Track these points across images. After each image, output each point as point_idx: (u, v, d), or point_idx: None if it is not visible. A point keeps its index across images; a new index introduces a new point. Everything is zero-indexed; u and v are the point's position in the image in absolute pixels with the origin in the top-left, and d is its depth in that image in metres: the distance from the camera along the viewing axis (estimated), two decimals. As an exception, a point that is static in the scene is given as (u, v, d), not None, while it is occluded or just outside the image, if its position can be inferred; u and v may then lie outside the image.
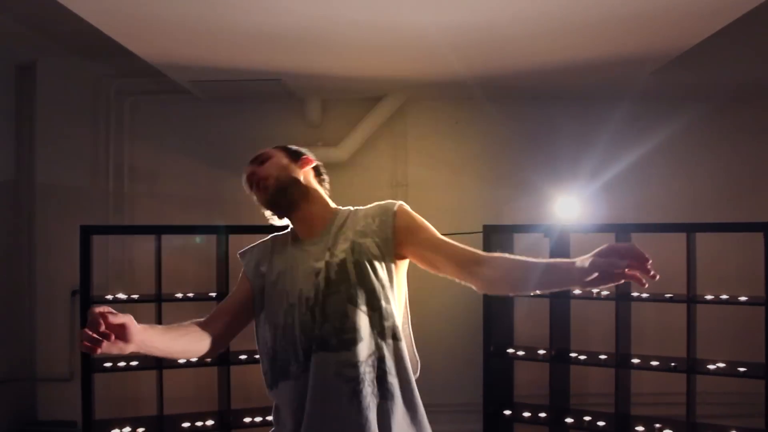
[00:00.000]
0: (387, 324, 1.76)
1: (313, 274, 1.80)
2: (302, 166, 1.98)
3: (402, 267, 1.90)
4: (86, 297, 3.74)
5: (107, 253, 4.61)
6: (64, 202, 4.82)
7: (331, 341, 1.72)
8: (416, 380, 1.79)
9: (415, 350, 1.90)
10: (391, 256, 1.82)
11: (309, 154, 2.03)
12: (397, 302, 1.85)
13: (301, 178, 1.95)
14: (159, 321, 3.87)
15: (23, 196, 4.92)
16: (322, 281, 1.77)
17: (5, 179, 4.85)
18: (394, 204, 1.90)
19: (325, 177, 2.06)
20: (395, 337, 1.77)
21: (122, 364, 3.88)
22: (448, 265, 1.78)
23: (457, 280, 1.78)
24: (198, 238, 4.50)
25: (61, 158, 4.89)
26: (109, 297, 3.93)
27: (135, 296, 3.98)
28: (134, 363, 3.91)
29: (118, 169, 4.85)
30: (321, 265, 1.80)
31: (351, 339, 1.71)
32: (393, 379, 1.74)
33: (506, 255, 1.73)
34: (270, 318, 1.85)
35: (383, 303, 1.77)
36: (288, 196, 1.91)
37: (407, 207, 1.90)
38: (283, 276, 1.85)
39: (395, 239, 1.83)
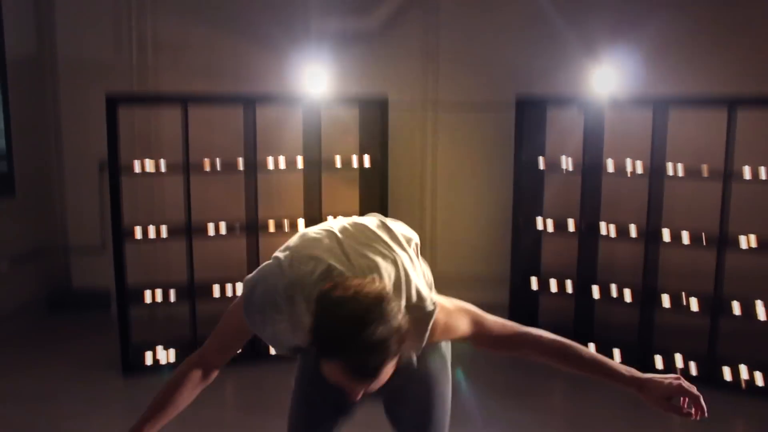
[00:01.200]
0: None
1: None
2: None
3: None
4: (114, 167, 3.74)
5: (133, 127, 4.58)
6: (88, 75, 4.77)
7: None
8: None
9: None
10: None
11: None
12: None
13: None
14: (187, 192, 3.90)
15: (47, 69, 4.87)
16: None
17: (28, 54, 4.78)
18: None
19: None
20: None
21: (153, 234, 3.95)
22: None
23: None
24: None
25: (83, 31, 4.79)
26: (138, 169, 3.93)
27: (163, 168, 3.98)
28: (164, 232, 3.97)
29: (142, 41, 4.74)
30: None
31: None
32: None
33: (549, 342, 1.70)
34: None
35: None
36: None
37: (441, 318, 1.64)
38: None
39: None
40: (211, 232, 4.06)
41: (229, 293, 4.04)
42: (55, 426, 3.28)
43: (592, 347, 4.01)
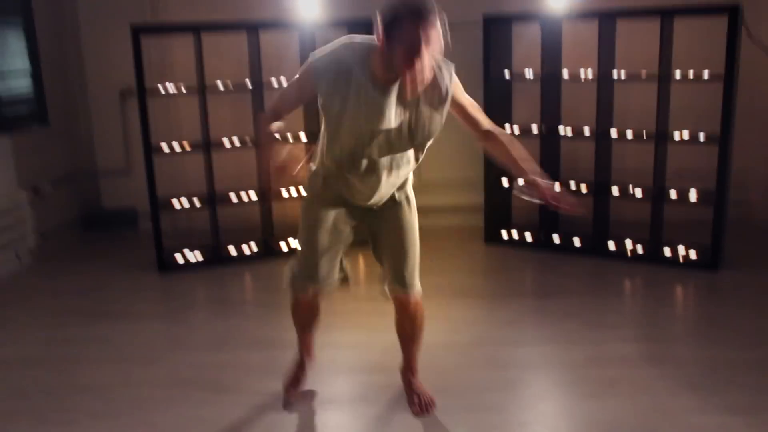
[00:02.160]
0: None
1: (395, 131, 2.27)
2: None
3: None
4: (142, 91, 4.32)
5: (148, 54, 5.06)
6: (106, 7, 5.25)
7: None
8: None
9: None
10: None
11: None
12: None
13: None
14: (204, 111, 4.51)
15: (68, 4, 5.36)
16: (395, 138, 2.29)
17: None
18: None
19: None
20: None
21: (178, 149, 4.58)
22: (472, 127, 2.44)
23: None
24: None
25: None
26: (162, 91, 4.53)
27: (183, 90, 4.58)
28: (186, 147, 4.61)
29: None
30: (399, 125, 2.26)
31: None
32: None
33: (504, 138, 2.41)
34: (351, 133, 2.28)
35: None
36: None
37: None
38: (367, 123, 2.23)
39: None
40: (227, 145, 4.69)
41: (245, 199, 4.71)
42: (107, 308, 3.99)
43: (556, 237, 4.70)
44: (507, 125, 4.75)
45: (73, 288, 4.34)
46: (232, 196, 4.72)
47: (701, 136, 4.20)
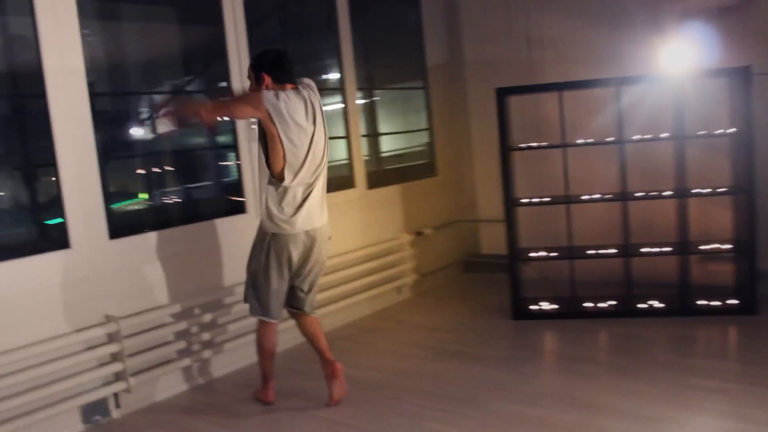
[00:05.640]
0: None
1: None
2: None
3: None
4: (505, 147, 4.56)
5: (523, 112, 5.34)
6: (487, 72, 5.73)
7: None
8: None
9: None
10: None
11: None
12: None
13: None
14: (565, 164, 4.54)
15: (456, 72, 6.00)
16: None
17: (442, 60, 5.96)
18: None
19: None
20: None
21: (536, 200, 4.68)
22: None
23: None
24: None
25: (483, 37, 5.80)
26: (523, 145, 4.71)
27: (544, 143, 4.68)
28: (546, 199, 4.68)
29: (530, 39, 5.51)
30: None
31: None
32: None
33: None
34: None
35: None
36: None
37: None
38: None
39: None
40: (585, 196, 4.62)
41: (601, 252, 4.56)
42: (451, 346, 4.25)
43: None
44: None
45: (432, 324, 4.75)
46: (590, 253, 4.60)
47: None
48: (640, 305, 4.47)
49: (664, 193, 4.44)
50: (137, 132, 4.29)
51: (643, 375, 3.54)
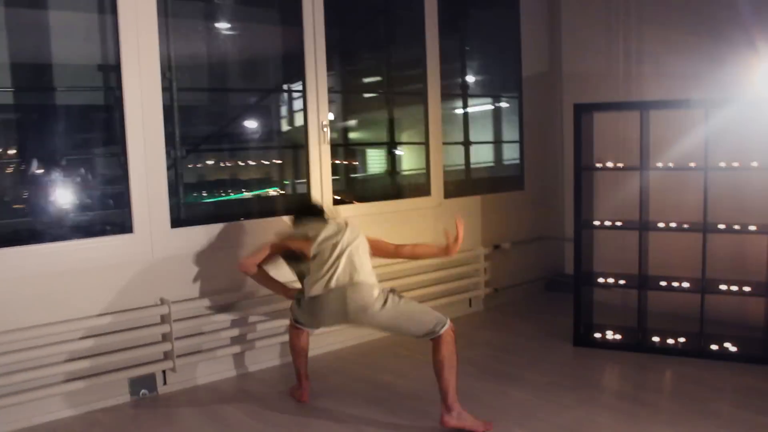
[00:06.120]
0: None
1: None
2: None
3: None
4: (578, 166, 4.38)
5: (606, 129, 5.06)
6: (585, 85, 5.53)
7: None
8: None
9: None
10: None
11: None
12: None
13: None
14: (641, 187, 4.28)
15: (555, 82, 5.84)
16: None
17: (540, 71, 5.80)
18: None
19: None
20: None
21: (608, 223, 4.45)
22: None
23: None
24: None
25: (582, 48, 5.61)
26: (599, 165, 4.49)
27: (620, 165, 4.43)
28: (618, 223, 4.44)
29: (628, 53, 5.25)
30: None
31: None
32: None
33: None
34: None
35: None
36: None
37: None
38: None
39: None
40: (661, 224, 4.34)
41: (674, 285, 4.26)
42: (502, 367, 4.14)
43: None
44: None
45: (490, 340, 4.66)
46: (662, 284, 4.31)
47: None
48: (712, 346, 4.14)
49: (750, 227, 4.07)
50: (213, 128, 4.57)
51: (682, 422, 3.29)
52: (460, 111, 5.65)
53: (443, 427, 3.23)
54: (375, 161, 5.65)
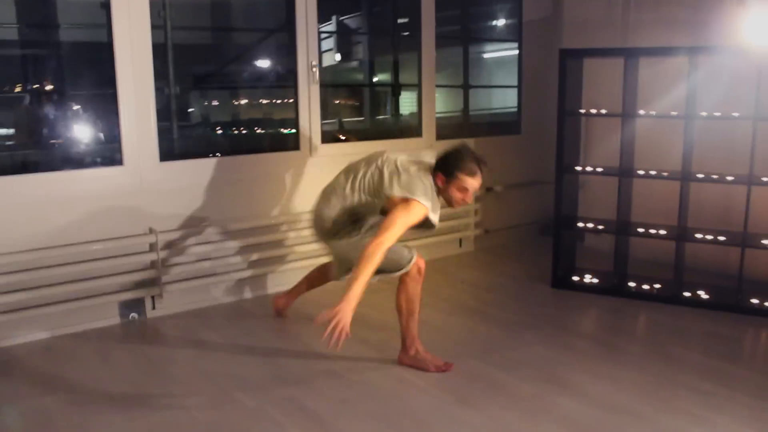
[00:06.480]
0: None
1: None
2: None
3: None
4: (562, 111, 4.41)
5: (604, 75, 5.04)
6: (584, 32, 5.48)
7: None
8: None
9: None
10: None
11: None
12: None
13: None
14: (623, 135, 4.32)
15: (552, 29, 5.80)
16: None
17: (542, 16, 5.76)
18: None
19: None
20: None
21: (589, 169, 4.51)
22: None
23: None
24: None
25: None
26: (582, 111, 4.52)
27: (603, 111, 4.47)
28: (599, 169, 4.50)
29: (627, -1, 5.18)
30: None
31: None
32: None
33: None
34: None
35: None
36: None
37: None
38: None
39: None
40: (641, 171, 4.39)
41: (651, 231, 4.33)
42: (489, 308, 4.27)
43: None
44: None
45: (473, 279, 4.83)
46: (640, 231, 4.38)
47: None
48: (685, 293, 4.23)
49: (728, 178, 4.10)
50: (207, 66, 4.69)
51: (640, 364, 3.40)
52: (487, 55, 5.69)
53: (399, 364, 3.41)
54: (407, 103, 5.70)
